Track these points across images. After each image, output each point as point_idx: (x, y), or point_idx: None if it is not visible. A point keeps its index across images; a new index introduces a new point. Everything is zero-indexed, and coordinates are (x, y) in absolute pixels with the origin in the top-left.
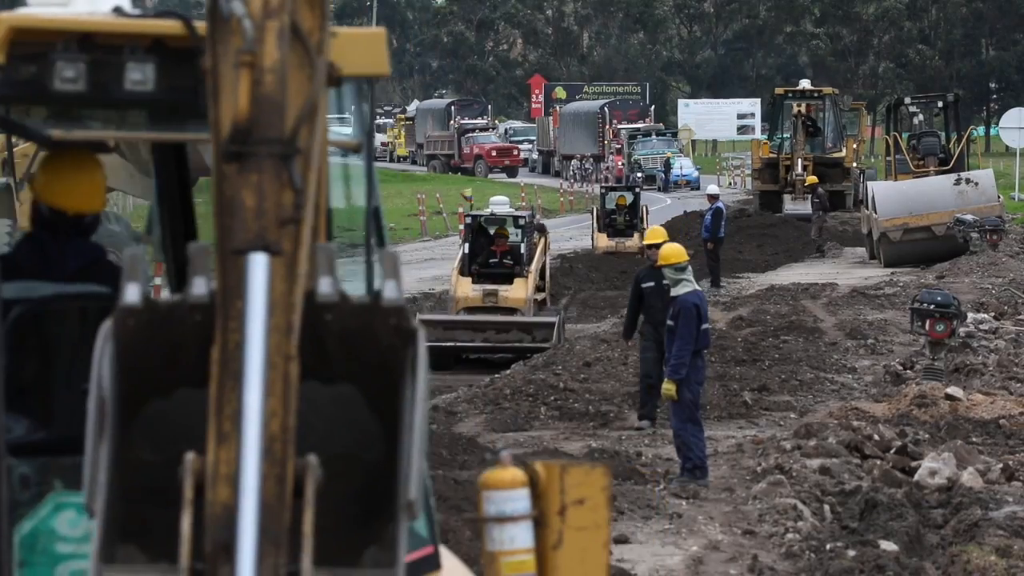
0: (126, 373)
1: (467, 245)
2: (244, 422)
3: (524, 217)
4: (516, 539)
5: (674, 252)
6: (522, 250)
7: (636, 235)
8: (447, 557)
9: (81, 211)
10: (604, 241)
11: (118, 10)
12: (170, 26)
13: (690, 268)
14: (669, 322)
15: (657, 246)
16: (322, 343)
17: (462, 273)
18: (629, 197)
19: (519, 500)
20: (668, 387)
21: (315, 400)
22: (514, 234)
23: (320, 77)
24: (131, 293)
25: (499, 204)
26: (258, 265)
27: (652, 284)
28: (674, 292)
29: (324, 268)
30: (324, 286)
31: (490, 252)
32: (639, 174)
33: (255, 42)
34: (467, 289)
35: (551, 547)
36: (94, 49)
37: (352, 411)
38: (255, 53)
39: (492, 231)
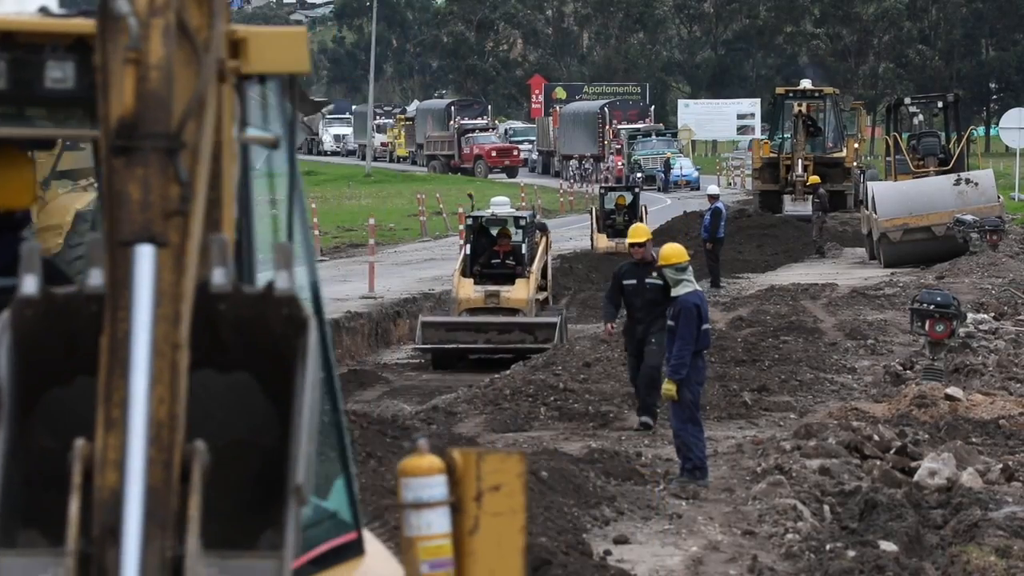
0: (24, 362)
1: (468, 246)
2: (131, 409)
3: (525, 217)
4: (433, 524)
5: (675, 252)
6: (523, 250)
7: None
8: (371, 542)
9: (10, 208)
10: (604, 242)
11: (43, 10)
12: (91, 25)
13: (691, 268)
14: (669, 322)
15: (640, 244)
16: (217, 332)
17: (464, 274)
18: (628, 197)
19: (436, 487)
20: (668, 387)
21: (211, 388)
22: (515, 234)
23: (208, 73)
24: (28, 284)
25: (500, 205)
26: (144, 256)
27: (634, 282)
28: (674, 292)
29: (218, 259)
30: (218, 276)
31: (492, 253)
32: (639, 174)
33: (140, 39)
34: (469, 290)
35: (468, 532)
36: (15, 48)
37: (248, 398)
38: (140, 50)
39: (494, 232)
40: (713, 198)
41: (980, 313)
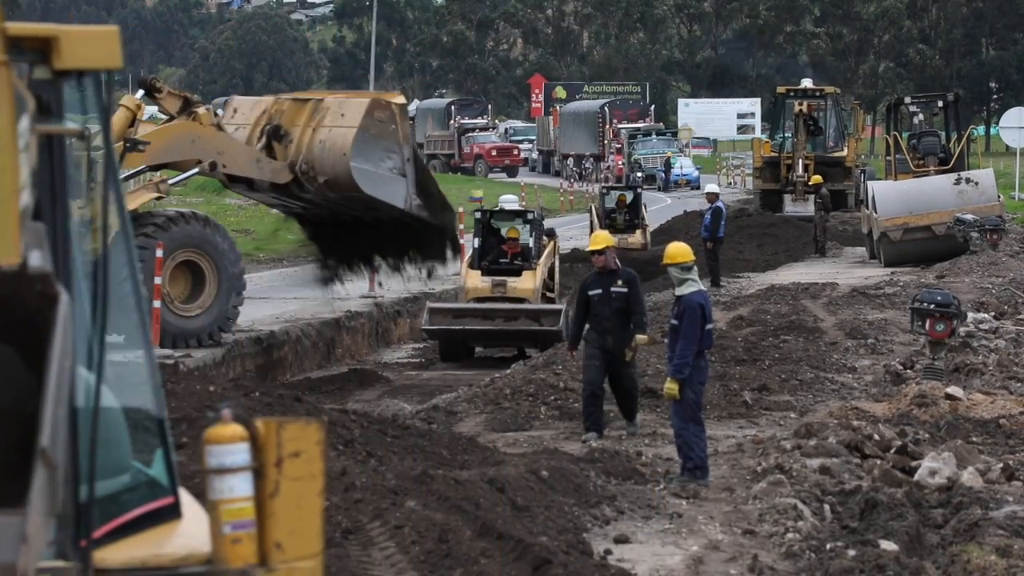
0: None
1: (477, 240)
2: None
3: (533, 212)
4: (235, 488)
5: (680, 251)
6: (531, 245)
7: (638, 232)
8: (191, 506)
9: None
10: None
11: None
12: None
13: (695, 268)
14: (673, 321)
15: (600, 253)
16: None
17: (472, 266)
18: (630, 196)
19: (239, 453)
20: (671, 386)
21: None
22: (523, 231)
23: None
24: None
25: (509, 202)
26: None
27: (599, 291)
28: (678, 292)
29: None
30: None
31: (500, 252)
32: (639, 174)
33: None
34: (476, 280)
35: (269, 495)
36: None
37: (10, 370)
38: None
39: (502, 229)
40: (713, 197)
41: (980, 312)
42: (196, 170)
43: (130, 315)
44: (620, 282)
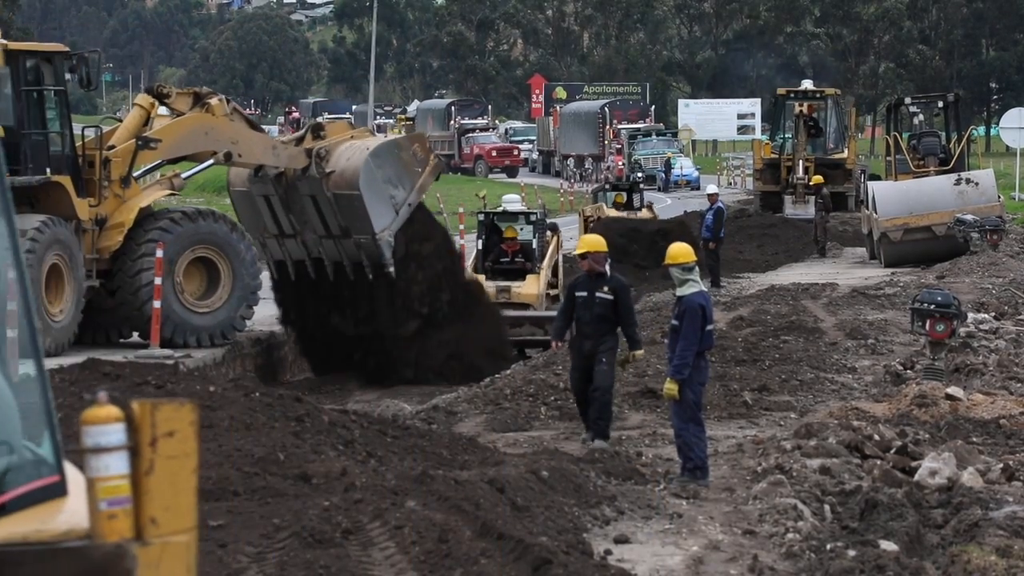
0: None
1: (481, 241)
2: None
3: (535, 213)
4: (111, 467)
5: (681, 252)
6: (533, 246)
7: (645, 209)
8: (78, 483)
9: None
10: None
11: None
12: None
13: (697, 268)
14: (674, 322)
15: (582, 256)
16: None
17: (476, 270)
18: (626, 197)
19: (114, 433)
20: (671, 387)
21: None
22: (524, 232)
23: None
24: None
25: (512, 202)
26: None
27: (585, 294)
28: (680, 292)
29: None
30: None
31: (501, 251)
32: (639, 174)
33: None
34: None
35: (144, 473)
36: None
37: None
38: None
39: (504, 228)
40: (713, 197)
41: (981, 313)
42: (211, 161)
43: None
44: (607, 288)
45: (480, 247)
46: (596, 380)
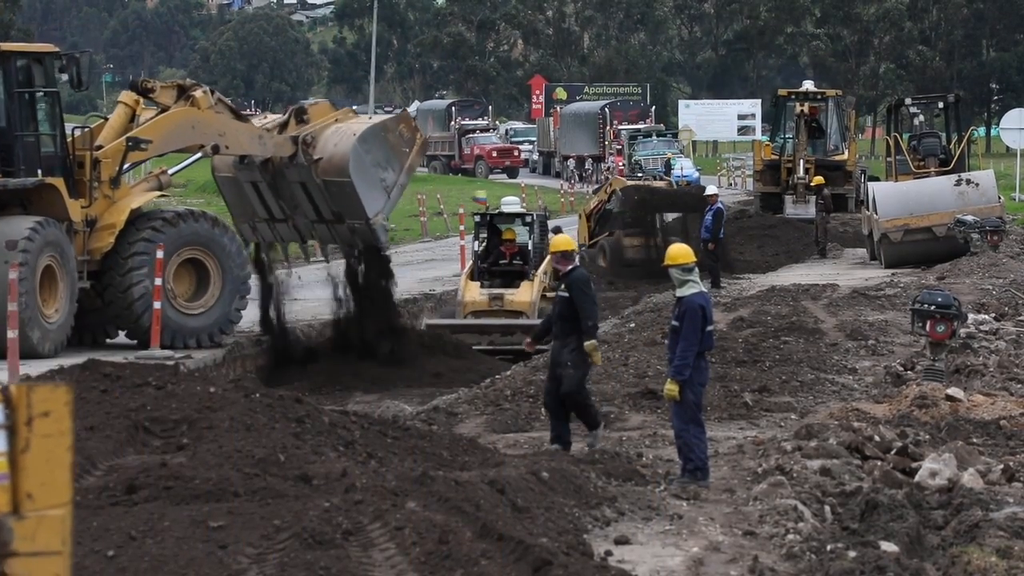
0: None
1: (478, 243)
2: None
3: (532, 215)
4: None
5: (681, 252)
6: (529, 248)
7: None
8: None
9: None
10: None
11: None
12: None
13: (697, 269)
14: (674, 322)
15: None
16: None
17: (471, 277)
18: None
19: None
20: (671, 388)
21: None
22: (521, 234)
23: None
24: None
25: (510, 204)
26: None
27: (555, 295)
28: (680, 293)
29: None
30: None
31: (499, 253)
32: (640, 175)
33: None
34: (475, 293)
35: (21, 451)
36: None
37: None
38: None
39: (503, 230)
40: (712, 198)
41: (981, 314)
42: (199, 155)
43: None
44: (563, 286)
45: (476, 249)
46: (564, 386)
